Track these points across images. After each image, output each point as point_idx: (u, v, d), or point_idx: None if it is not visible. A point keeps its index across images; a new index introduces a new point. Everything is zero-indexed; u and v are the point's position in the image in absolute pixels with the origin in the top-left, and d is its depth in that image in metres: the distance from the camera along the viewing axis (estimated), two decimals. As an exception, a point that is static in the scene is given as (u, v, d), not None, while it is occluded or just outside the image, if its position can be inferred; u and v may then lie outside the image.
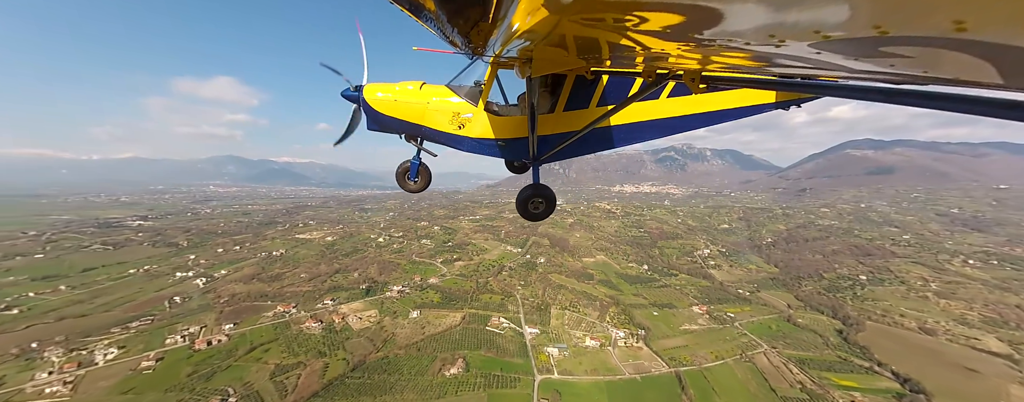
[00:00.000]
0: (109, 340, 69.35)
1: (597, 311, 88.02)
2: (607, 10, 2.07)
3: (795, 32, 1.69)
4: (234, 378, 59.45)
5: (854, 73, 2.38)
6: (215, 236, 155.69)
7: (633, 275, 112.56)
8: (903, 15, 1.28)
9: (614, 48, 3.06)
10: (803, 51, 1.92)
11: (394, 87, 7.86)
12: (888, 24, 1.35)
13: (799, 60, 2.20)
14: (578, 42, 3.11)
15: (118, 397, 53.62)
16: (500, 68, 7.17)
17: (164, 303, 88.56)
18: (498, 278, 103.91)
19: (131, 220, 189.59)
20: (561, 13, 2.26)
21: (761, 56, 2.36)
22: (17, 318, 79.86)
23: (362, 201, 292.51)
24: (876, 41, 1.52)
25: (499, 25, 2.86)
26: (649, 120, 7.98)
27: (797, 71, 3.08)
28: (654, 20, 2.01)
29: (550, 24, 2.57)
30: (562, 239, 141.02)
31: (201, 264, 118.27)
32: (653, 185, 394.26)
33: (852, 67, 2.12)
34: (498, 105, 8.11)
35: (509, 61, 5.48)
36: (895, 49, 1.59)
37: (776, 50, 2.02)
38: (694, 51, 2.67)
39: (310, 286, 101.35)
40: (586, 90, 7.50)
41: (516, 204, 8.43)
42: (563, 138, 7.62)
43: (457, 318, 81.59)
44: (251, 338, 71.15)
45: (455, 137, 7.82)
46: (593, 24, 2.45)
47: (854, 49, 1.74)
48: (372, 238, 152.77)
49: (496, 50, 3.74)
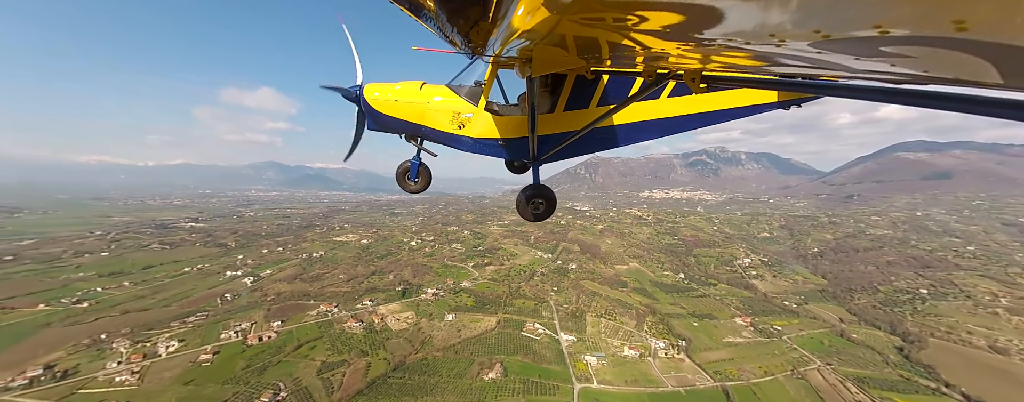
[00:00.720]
0: (170, 334, 74.21)
1: (634, 320, 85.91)
2: (607, 10, 2.05)
3: (795, 32, 1.68)
4: (284, 373, 62.07)
5: (855, 73, 2.34)
6: (259, 238, 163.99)
7: (669, 284, 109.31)
8: (903, 15, 1.28)
9: (614, 48, 3.04)
10: (804, 51, 1.90)
11: (394, 87, 7.86)
12: (889, 24, 1.35)
13: (800, 60, 2.19)
14: (578, 42, 3.09)
15: (181, 388, 57.18)
16: (500, 68, 7.10)
17: (217, 300, 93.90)
18: (530, 283, 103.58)
19: (184, 222, 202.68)
20: (561, 13, 2.26)
21: (761, 56, 2.34)
22: (88, 311, 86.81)
23: (392, 205, 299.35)
24: (877, 41, 1.52)
25: (499, 25, 2.85)
26: (649, 120, 7.93)
27: (798, 71, 3.04)
28: (654, 20, 2.00)
29: (550, 24, 2.56)
30: (593, 245, 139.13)
31: (248, 264, 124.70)
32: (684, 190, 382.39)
33: (853, 67, 2.10)
34: (498, 105, 8.08)
35: (509, 61, 5.46)
36: (896, 49, 1.59)
37: (776, 50, 2.00)
38: (694, 51, 2.66)
39: (349, 287, 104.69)
40: (586, 90, 7.46)
41: (516, 204, 8.32)
42: (563, 138, 7.58)
43: (492, 322, 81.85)
44: (298, 335, 74.18)
45: (455, 137, 7.81)
46: (593, 24, 2.45)
47: (855, 49, 1.73)
48: (405, 241, 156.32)
49: (496, 50, 3.74)
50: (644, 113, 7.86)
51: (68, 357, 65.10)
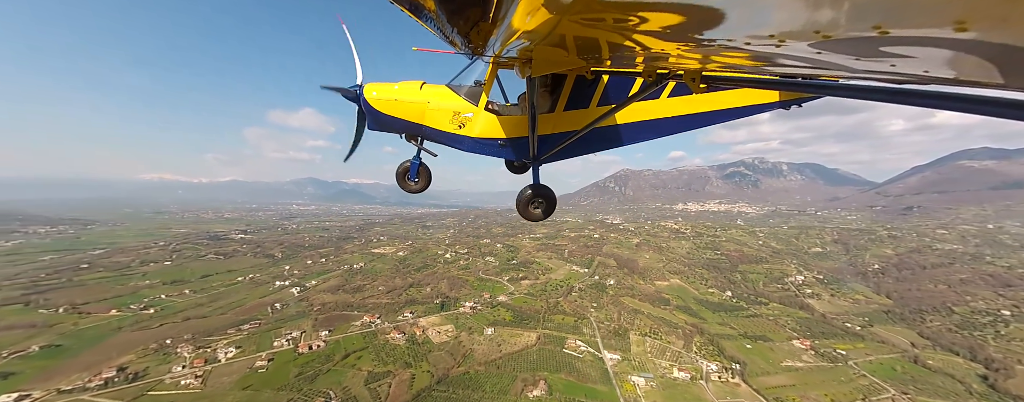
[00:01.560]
0: (227, 340, 78.19)
1: (681, 339, 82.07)
2: (607, 10, 2.05)
3: (795, 32, 1.68)
4: (334, 382, 63.59)
5: (855, 73, 2.32)
6: (303, 249, 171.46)
7: (715, 302, 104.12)
8: (903, 15, 1.28)
9: (614, 48, 3.00)
10: (804, 51, 1.90)
11: (394, 87, 7.80)
12: (889, 24, 1.35)
13: (800, 60, 2.20)
14: (578, 42, 3.06)
15: (240, 392, 59.77)
16: (500, 68, 7.03)
17: (268, 308, 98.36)
18: (568, 299, 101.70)
19: (235, 234, 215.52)
20: (561, 13, 2.24)
21: (761, 56, 2.30)
22: (153, 317, 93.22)
23: (423, 218, 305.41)
24: (877, 41, 1.51)
25: (499, 25, 2.82)
26: (650, 120, 7.83)
27: (798, 71, 2.96)
28: (654, 20, 2.00)
29: (550, 24, 2.54)
30: (630, 260, 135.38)
31: (295, 274, 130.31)
32: (721, 203, 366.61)
33: (853, 67, 2.11)
34: (498, 105, 7.99)
35: (509, 61, 5.41)
36: (896, 49, 1.59)
37: (777, 50, 1.99)
38: (694, 51, 2.60)
39: (389, 298, 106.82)
40: (586, 90, 7.39)
41: (516, 204, 8.18)
42: (563, 138, 7.51)
43: (532, 338, 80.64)
44: (345, 345, 76.10)
45: (455, 137, 7.74)
46: (593, 24, 2.41)
47: (855, 49, 1.73)
48: (439, 254, 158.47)
49: (496, 50, 3.70)
50: (644, 113, 7.80)
51: (138, 360, 69.86)
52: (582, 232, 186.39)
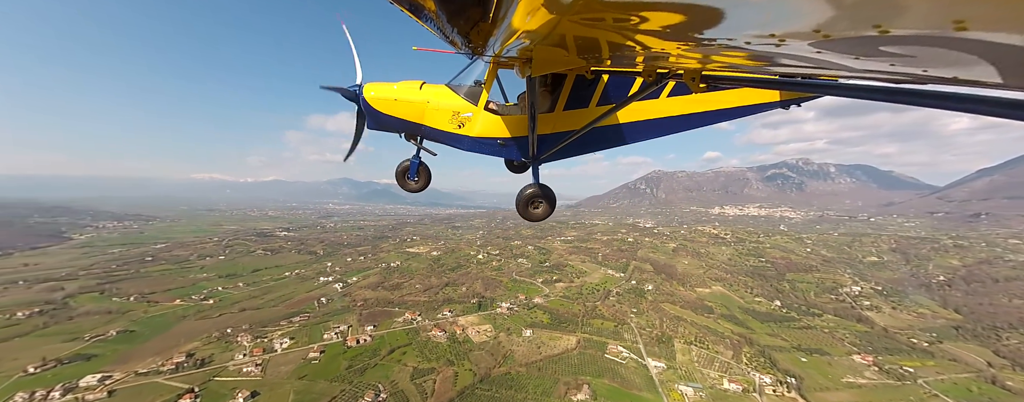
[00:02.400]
0: (281, 331, 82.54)
1: (729, 350, 78.83)
2: (607, 10, 2.05)
3: (795, 31, 1.68)
4: (381, 376, 65.70)
5: (854, 72, 2.33)
6: (342, 247, 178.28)
7: (763, 312, 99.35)
8: (903, 14, 1.28)
9: (614, 48, 2.96)
10: (803, 50, 1.91)
11: (393, 86, 7.75)
12: (888, 23, 1.35)
13: (800, 59, 2.22)
14: (578, 42, 3.01)
15: (296, 382, 62.92)
16: (500, 67, 6.95)
17: (314, 302, 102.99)
18: (606, 303, 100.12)
19: (279, 231, 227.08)
20: (561, 13, 2.24)
21: (761, 55, 2.30)
22: (213, 307, 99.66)
23: (452, 219, 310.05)
24: (876, 40, 1.52)
25: (499, 25, 2.77)
26: (649, 119, 7.79)
27: (798, 70, 2.90)
28: (654, 20, 2.00)
29: (550, 24, 2.50)
30: (667, 266, 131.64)
31: (337, 271, 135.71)
32: (761, 207, 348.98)
33: (852, 66, 2.12)
34: (498, 104, 7.94)
35: (509, 61, 5.33)
36: (895, 48, 1.59)
37: (776, 49, 2.00)
38: (694, 50, 2.58)
39: (426, 297, 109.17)
40: (586, 89, 7.33)
41: (516, 204, 8.05)
42: (563, 137, 7.47)
43: (572, 341, 79.98)
44: (389, 341, 78.48)
45: (455, 136, 7.69)
46: (593, 24, 2.39)
47: (854, 48, 1.74)
48: (472, 255, 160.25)
49: (496, 50, 3.66)
50: (644, 113, 7.76)
51: (203, 347, 74.96)
52: (614, 235, 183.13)
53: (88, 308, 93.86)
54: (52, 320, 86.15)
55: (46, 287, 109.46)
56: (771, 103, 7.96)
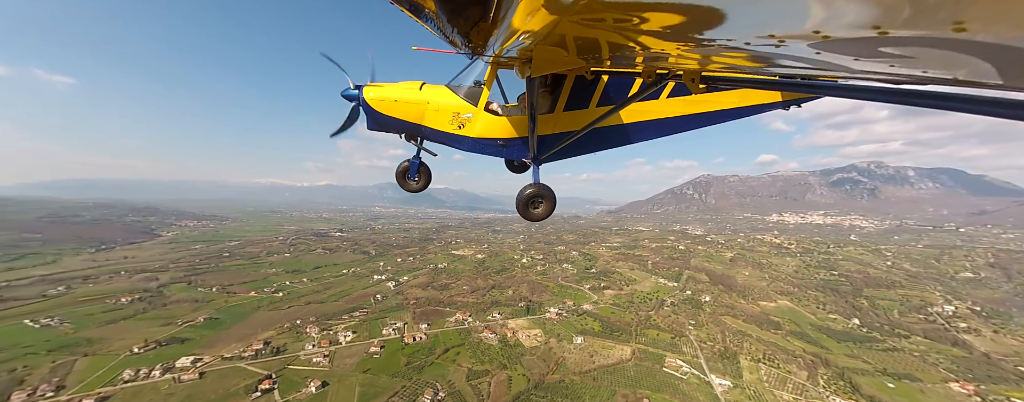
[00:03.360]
0: (344, 325, 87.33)
1: (803, 370, 72.55)
2: (607, 10, 2.06)
3: (795, 32, 1.69)
4: (438, 375, 67.39)
5: (854, 73, 2.34)
6: (392, 248, 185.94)
7: (839, 330, 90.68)
8: (903, 15, 1.28)
9: (614, 48, 2.97)
10: (803, 51, 1.92)
11: (394, 87, 7.72)
12: (888, 24, 1.35)
13: (799, 60, 2.24)
14: (578, 42, 3.02)
15: (361, 375, 66.15)
16: (500, 68, 6.92)
17: (370, 299, 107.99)
18: (660, 313, 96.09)
19: (334, 232, 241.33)
20: (561, 13, 2.25)
21: (761, 56, 2.33)
22: (283, 300, 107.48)
23: (491, 223, 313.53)
24: (876, 41, 1.52)
25: (499, 25, 2.77)
26: (649, 120, 7.79)
27: (797, 71, 2.93)
28: (654, 20, 2.02)
29: (550, 24, 2.52)
30: (725, 276, 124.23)
31: (389, 270, 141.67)
32: (827, 215, 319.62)
33: (852, 67, 2.14)
34: (498, 105, 7.94)
35: (509, 61, 5.36)
36: (895, 49, 1.60)
37: (776, 50, 2.02)
38: (694, 51, 2.61)
39: (474, 298, 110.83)
40: (586, 90, 7.32)
41: (516, 204, 7.97)
42: (563, 138, 7.45)
43: (626, 352, 77.42)
44: (443, 340, 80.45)
45: (455, 137, 7.69)
46: (593, 24, 2.40)
47: (854, 49, 1.75)
48: (516, 259, 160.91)
49: (496, 50, 3.63)
50: (644, 113, 7.76)
51: (277, 336, 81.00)
52: (663, 243, 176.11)
53: (179, 297, 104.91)
54: (150, 306, 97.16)
55: (143, 277, 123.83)
56: (771, 104, 7.98)
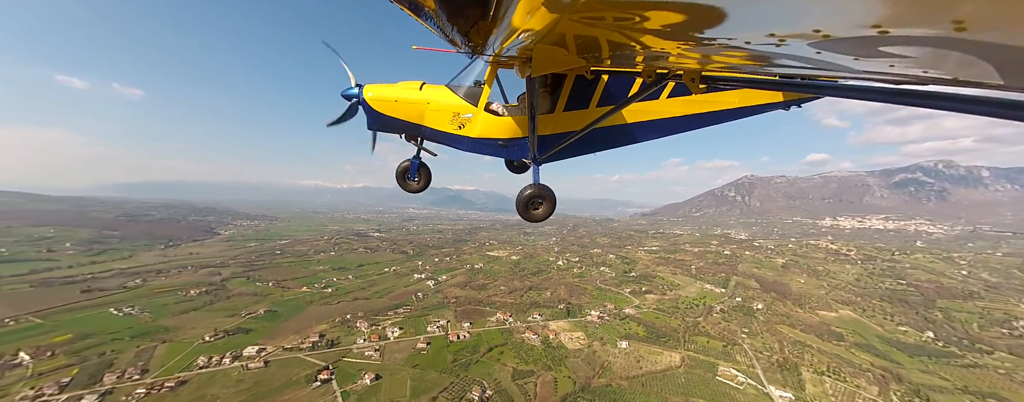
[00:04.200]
0: (391, 321, 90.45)
1: (873, 385, 67.13)
2: (607, 9, 2.06)
3: (795, 32, 1.69)
4: (484, 373, 68.23)
5: (854, 73, 2.35)
6: (428, 248, 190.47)
7: (910, 344, 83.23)
8: (903, 15, 1.28)
9: (614, 47, 2.98)
10: (803, 51, 1.92)
11: (394, 87, 7.69)
12: (888, 24, 1.35)
13: (799, 60, 2.24)
14: (578, 41, 3.03)
15: (411, 369, 68.26)
16: (500, 67, 6.89)
17: (412, 297, 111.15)
18: (709, 320, 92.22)
19: (372, 232, 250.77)
20: (561, 12, 2.26)
21: (761, 56, 2.34)
22: (332, 295, 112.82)
23: (522, 225, 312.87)
24: (876, 41, 1.53)
25: (499, 24, 2.77)
26: (649, 120, 7.77)
27: (797, 71, 2.96)
28: (654, 19, 2.02)
29: (550, 23, 2.52)
30: (778, 283, 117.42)
31: (427, 269, 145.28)
32: (889, 219, 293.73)
33: (852, 67, 2.14)
34: (498, 105, 7.95)
35: (509, 60, 5.34)
36: (895, 49, 1.60)
37: (776, 50, 2.03)
38: (694, 51, 2.62)
39: (512, 298, 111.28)
40: (586, 90, 7.31)
41: (516, 205, 7.89)
42: (563, 138, 7.43)
43: (675, 359, 74.88)
44: (486, 339, 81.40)
45: (455, 137, 7.67)
46: (593, 23, 2.40)
47: (854, 49, 1.75)
48: (551, 261, 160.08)
49: (496, 49, 3.64)
50: (644, 113, 7.73)
51: (330, 330, 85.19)
52: (705, 247, 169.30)
53: (240, 290, 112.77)
54: (215, 299, 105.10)
55: (207, 271, 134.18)
56: (772, 104, 7.96)
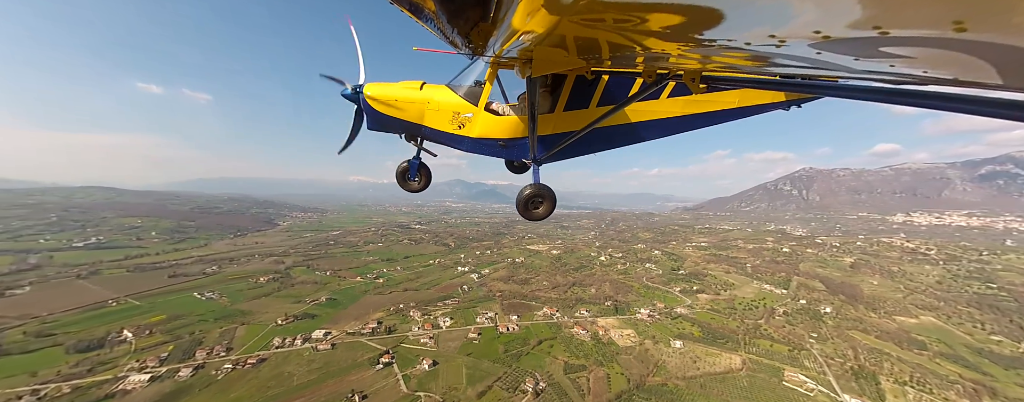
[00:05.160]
0: (441, 311, 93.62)
1: (963, 398, 60.78)
2: (607, 10, 2.07)
3: (795, 32, 1.70)
4: (535, 365, 69.09)
5: (854, 73, 2.36)
6: (469, 241, 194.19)
7: (1006, 355, 74.21)
8: (903, 15, 1.28)
9: (614, 48, 3.00)
10: (803, 51, 1.93)
11: (394, 87, 7.66)
12: (888, 24, 1.35)
13: (799, 60, 2.24)
14: (578, 42, 3.05)
15: (465, 357, 70.51)
16: (500, 68, 6.85)
17: (458, 289, 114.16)
18: (772, 323, 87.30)
19: (414, 224, 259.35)
20: (561, 13, 2.27)
21: (761, 56, 2.35)
22: (384, 285, 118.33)
23: (559, 219, 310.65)
24: (876, 41, 1.53)
25: (499, 25, 2.80)
26: (649, 120, 7.79)
27: (797, 71, 2.99)
28: (654, 20, 2.03)
29: (550, 24, 2.54)
30: (847, 285, 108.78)
31: (470, 262, 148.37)
32: (972, 215, 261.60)
33: (852, 67, 2.15)
34: (499, 105, 7.97)
35: (509, 61, 5.40)
36: (895, 49, 1.60)
37: (776, 50, 2.03)
38: (694, 51, 2.63)
39: (556, 294, 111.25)
40: (586, 90, 7.31)
41: (516, 204, 7.88)
42: (563, 138, 7.45)
43: (735, 361, 71.75)
44: (535, 332, 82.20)
45: (455, 137, 7.70)
46: (593, 24, 2.41)
47: (854, 49, 1.76)
48: (593, 256, 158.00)
49: (496, 50, 3.68)
50: (644, 113, 7.75)
51: (387, 317, 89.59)
52: (760, 244, 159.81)
53: (302, 278, 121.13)
54: (282, 286, 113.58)
55: (272, 260, 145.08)
56: (772, 104, 7.94)
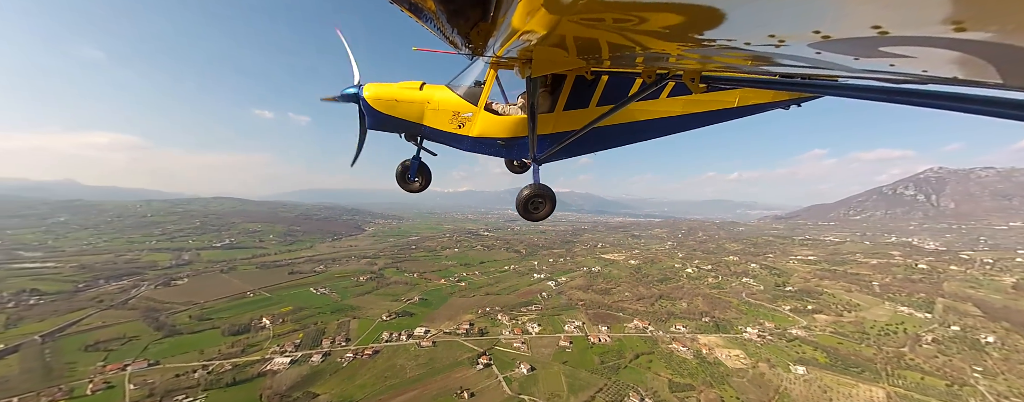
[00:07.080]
0: (527, 317, 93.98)
1: None
2: (607, 10, 2.07)
3: (795, 32, 1.70)
4: (636, 379, 65.82)
5: (854, 73, 2.38)
6: (539, 248, 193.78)
7: None
8: (903, 15, 1.28)
9: (614, 48, 3.01)
10: (803, 51, 1.93)
11: (394, 87, 7.62)
12: (888, 24, 1.36)
13: (799, 60, 2.24)
14: (578, 42, 3.08)
15: (561, 366, 69.64)
16: (500, 68, 6.79)
17: (537, 296, 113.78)
18: (919, 352, 73.70)
19: (482, 231, 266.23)
20: (561, 13, 2.28)
21: (761, 56, 2.36)
22: (466, 289, 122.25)
23: (627, 227, 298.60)
24: (876, 41, 1.53)
25: (499, 25, 2.82)
26: (649, 120, 7.80)
27: (797, 71, 3.02)
28: (654, 20, 2.04)
29: (550, 24, 2.56)
30: (1013, 310, 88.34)
31: (544, 270, 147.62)
32: None
33: (852, 67, 2.16)
34: (498, 104, 7.96)
35: (509, 61, 5.46)
36: (895, 49, 1.61)
37: (776, 50, 2.04)
38: (694, 51, 2.65)
39: (642, 306, 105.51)
40: (586, 90, 7.31)
41: (516, 204, 7.69)
42: (563, 138, 7.46)
43: (878, 394, 61.38)
44: (629, 346, 78.64)
45: (455, 136, 7.66)
46: (593, 24, 2.43)
47: (854, 49, 1.76)
48: (678, 267, 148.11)
49: (496, 50, 3.71)
50: (644, 113, 7.70)
51: (477, 320, 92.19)
52: (887, 259, 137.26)
53: (394, 279, 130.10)
54: (378, 285, 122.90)
55: (366, 262, 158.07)
56: (772, 103, 7.88)
